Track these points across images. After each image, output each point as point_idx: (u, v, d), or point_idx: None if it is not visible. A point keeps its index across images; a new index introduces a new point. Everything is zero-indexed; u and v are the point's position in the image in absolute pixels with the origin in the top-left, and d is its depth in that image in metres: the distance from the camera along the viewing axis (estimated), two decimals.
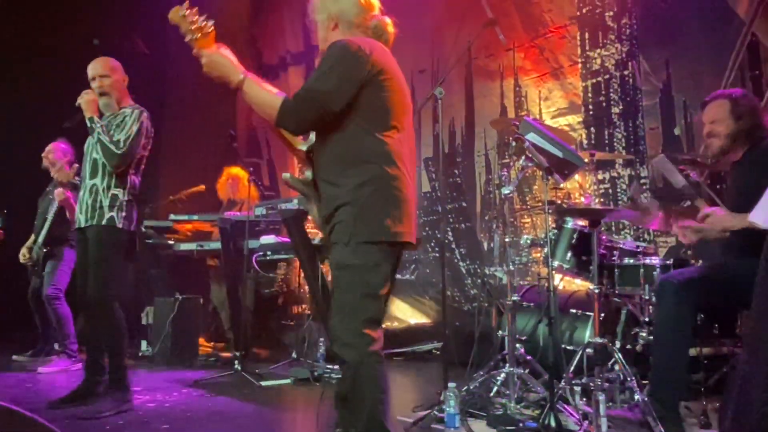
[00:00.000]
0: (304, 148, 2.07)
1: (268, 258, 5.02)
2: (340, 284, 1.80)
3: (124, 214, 3.04)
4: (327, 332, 4.14)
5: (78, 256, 3.18)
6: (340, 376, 1.80)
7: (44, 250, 4.41)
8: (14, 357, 4.60)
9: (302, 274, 4.91)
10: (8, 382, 3.76)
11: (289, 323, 5.76)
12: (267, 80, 1.95)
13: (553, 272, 3.14)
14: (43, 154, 4.57)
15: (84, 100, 3.08)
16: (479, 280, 4.91)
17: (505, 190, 2.93)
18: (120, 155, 2.99)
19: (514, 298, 3.05)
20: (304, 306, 5.98)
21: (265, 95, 1.88)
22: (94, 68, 3.14)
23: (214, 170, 5.80)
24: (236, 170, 5.53)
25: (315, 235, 6.38)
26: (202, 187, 5.63)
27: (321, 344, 4.37)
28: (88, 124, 3.07)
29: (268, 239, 4.73)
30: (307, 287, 4.70)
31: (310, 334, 4.59)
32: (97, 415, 2.79)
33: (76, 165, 4.37)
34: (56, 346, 4.45)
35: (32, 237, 4.57)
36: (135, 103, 3.22)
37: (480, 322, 3.55)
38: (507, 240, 3.20)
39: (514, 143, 2.81)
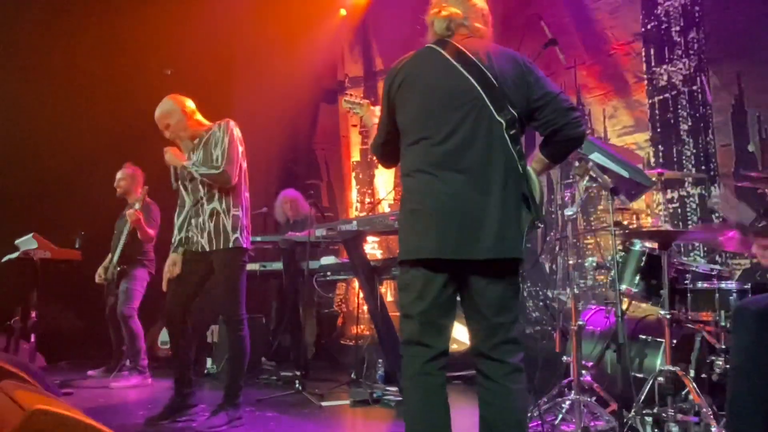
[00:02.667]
0: None
1: (327, 278, 5.09)
2: None
3: (245, 233, 3.17)
4: (385, 353, 4.15)
5: (182, 272, 3.22)
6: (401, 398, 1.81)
7: (118, 269, 4.63)
8: (89, 372, 4.82)
9: (361, 295, 4.95)
10: (83, 396, 3.94)
11: (348, 343, 5.79)
12: (325, 104, 2.28)
13: (621, 296, 3.03)
14: (115, 184, 4.83)
15: (168, 157, 3.22)
16: (541, 303, 4.79)
17: (569, 212, 2.86)
18: (223, 171, 3.09)
19: (580, 322, 2.96)
20: (362, 326, 6.00)
21: (372, 138, 2.16)
22: (157, 121, 3.28)
23: (275, 193, 5.95)
24: (292, 192, 5.65)
25: (374, 256, 6.43)
26: (264, 209, 5.78)
27: (380, 365, 4.37)
28: (185, 171, 3.19)
29: (328, 260, 4.79)
30: (366, 308, 4.73)
31: (369, 354, 4.59)
32: (212, 429, 2.94)
33: (147, 187, 4.59)
34: (128, 362, 4.64)
35: (108, 257, 4.81)
36: (213, 122, 3.31)
37: (543, 346, 3.46)
38: (571, 262, 3.11)
39: (577, 163, 2.75)
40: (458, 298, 1.87)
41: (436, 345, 1.79)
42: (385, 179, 7.03)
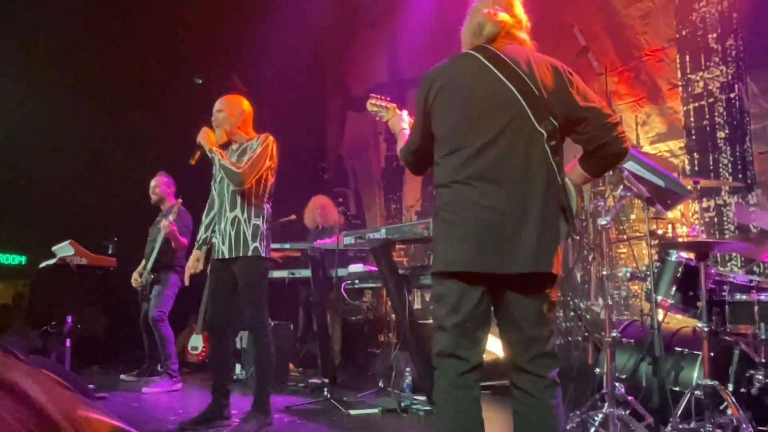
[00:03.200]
0: None
1: (355, 286, 5.09)
2: None
3: (265, 243, 3.21)
4: (414, 362, 4.13)
5: (211, 283, 3.32)
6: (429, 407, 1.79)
7: (152, 276, 4.71)
8: (122, 376, 4.91)
9: (389, 303, 4.94)
10: (117, 401, 4.01)
11: (376, 351, 5.78)
12: (353, 112, 2.28)
13: (657, 307, 2.97)
14: (150, 191, 4.93)
15: (201, 134, 3.31)
16: (572, 313, 4.72)
17: (602, 221, 2.81)
18: (240, 173, 3.14)
19: (614, 333, 2.90)
20: (390, 334, 5.99)
21: (401, 144, 2.16)
22: (216, 105, 3.39)
23: (305, 200, 6.00)
24: (324, 198, 5.69)
25: (402, 264, 6.41)
26: (293, 216, 5.82)
27: (408, 374, 4.34)
28: (209, 156, 3.27)
29: (356, 268, 4.80)
30: (394, 315, 4.71)
31: (397, 363, 4.57)
32: None
33: (181, 199, 4.67)
34: (159, 366, 4.70)
35: (143, 262, 4.90)
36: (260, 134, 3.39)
37: (575, 357, 3.40)
38: (604, 272, 3.06)
39: (611, 172, 2.71)
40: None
41: (471, 358, 1.76)
42: (412, 187, 7.02)
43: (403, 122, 2.37)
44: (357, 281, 4.97)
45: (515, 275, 1.71)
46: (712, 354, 2.84)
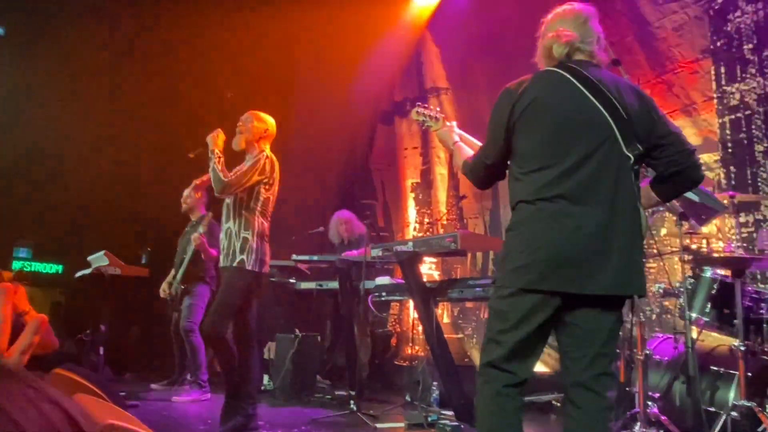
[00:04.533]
0: None
1: (382, 298, 5.09)
2: None
3: (253, 256, 3.26)
4: (441, 376, 4.10)
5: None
6: (456, 423, 1.77)
7: (182, 287, 4.78)
8: (152, 386, 4.99)
9: (415, 315, 4.92)
10: (148, 409, 4.07)
11: (403, 364, 5.76)
12: (381, 125, 2.26)
13: (691, 325, 2.89)
14: (182, 200, 5.03)
15: (210, 136, 3.44)
16: None
17: None
18: (224, 182, 3.24)
19: (646, 351, 2.84)
20: (417, 347, 5.96)
21: (459, 159, 2.16)
22: (246, 114, 3.53)
23: (332, 212, 6.04)
24: (346, 213, 5.72)
25: (431, 277, 6.39)
26: (322, 228, 5.87)
27: (435, 388, 4.31)
28: (209, 156, 3.39)
29: (383, 280, 4.80)
30: (420, 328, 4.70)
31: (424, 377, 4.54)
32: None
33: (211, 213, 4.76)
34: (188, 376, 4.77)
35: (172, 272, 4.98)
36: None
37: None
38: None
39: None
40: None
41: (520, 373, 1.77)
42: (439, 200, 7.01)
43: (454, 134, 2.34)
44: (384, 293, 4.96)
45: (596, 295, 1.71)
46: (749, 374, 2.75)
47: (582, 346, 1.77)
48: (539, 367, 5.22)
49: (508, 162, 1.92)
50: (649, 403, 2.83)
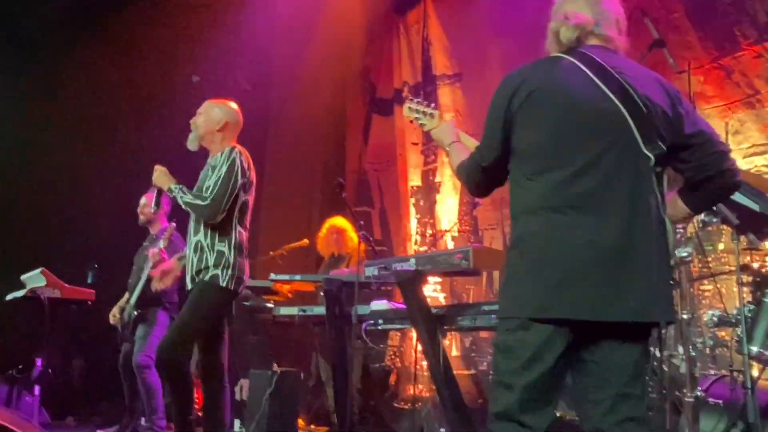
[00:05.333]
0: None
1: (379, 327, 5.09)
2: None
3: (230, 272, 3.28)
4: (448, 420, 4.09)
5: None
6: None
7: (136, 312, 4.78)
8: None
9: (419, 348, 4.92)
10: None
11: (403, 406, 5.76)
12: (379, 117, 2.30)
13: (751, 360, 2.91)
14: (138, 209, 5.03)
15: (156, 176, 3.50)
16: (647, 366, 4.65)
17: (682, 252, 2.80)
18: (207, 205, 3.27)
19: (697, 392, 2.85)
20: (421, 386, 5.96)
21: (457, 159, 2.16)
22: (201, 107, 3.58)
23: (318, 221, 6.06)
24: (340, 221, 5.73)
25: (436, 300, 6.40)
26: (306, 241, 5.88)
27: None
28: (170, 196, 3.44)
29: (379, 305, 4.80)
30: (425, 364, 4.70)
31: (428, 421, 4.55)
32: None
33: (174, 224, 4.77)
34: (143, 421, 4.76)
35: (125, 296, 4.98)
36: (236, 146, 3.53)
37: (650, 420, 3.34)
38: (685, 316, 3.02)
39: None
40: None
41: (537, 425, 1.74)
42: (448, 207, 7.02)
43: (451, 133, 2.37)
44: (381, 321, 4.97)
45: (617, 323, 1.71)
46: None
47: (602, 386, 1.77)
48: (571, 411, 5.22)
49: (509, 165, 1.93)
50: None
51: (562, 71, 1.86)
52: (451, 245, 6.68)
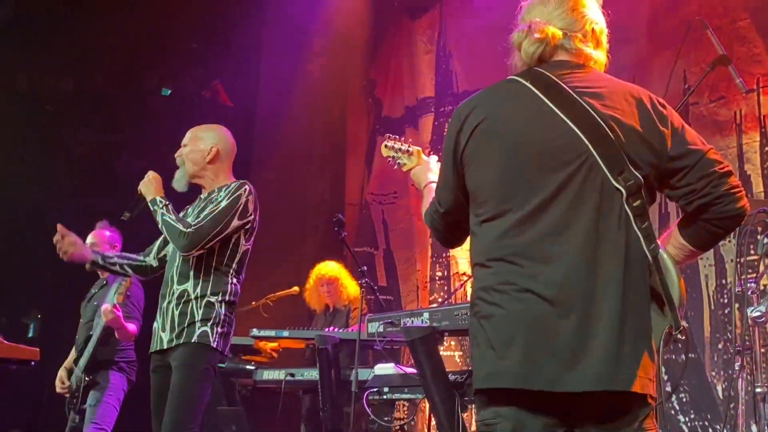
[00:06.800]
0: None
1: (384, 396, 5.06)
2: None
3: (219, 330, 3.30)
4: None
5: (153, 386, 3.41)
6: None
7: (86, 378, 4.74)
8: None
9: (433, 422, 4.88)
10: None
11: None
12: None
13: None
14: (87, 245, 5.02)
15: (144, 183, 3.50)
16: None
17: (755, 312, 2.80)
18: (188, 233, 3.27)
19: None
20: None
21: (423, 205, 2.26)
22: (187, 135, 3.62)
23: (312, 265, 6.06)
24: (330, 268, 5.74)
25: (454, 361, 6.36)
26: (296, 289, 5.89)
27: None
28: (151, 208, 3.44)
29: (385, 368, 4.79)
30: None
31: None
32: None
33: (130, 278, 4.79)
34: None
35: (72, 354, 4.96)
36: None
37: None
38: (759, 390, 3.01)
39: (766, 240, 2.71)
40: None
41: None
42: (467, 246, 7.00)
43: (431, 172, 2.47)
44: (386, 389, 4.94)
45: (587, 397, 1.70)
46: None
47: None
48: None
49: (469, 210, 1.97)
50: None
51: (512, 98, 1.90)
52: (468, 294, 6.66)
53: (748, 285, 2.90)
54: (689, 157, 1.81)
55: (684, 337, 1.83)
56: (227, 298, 3.37)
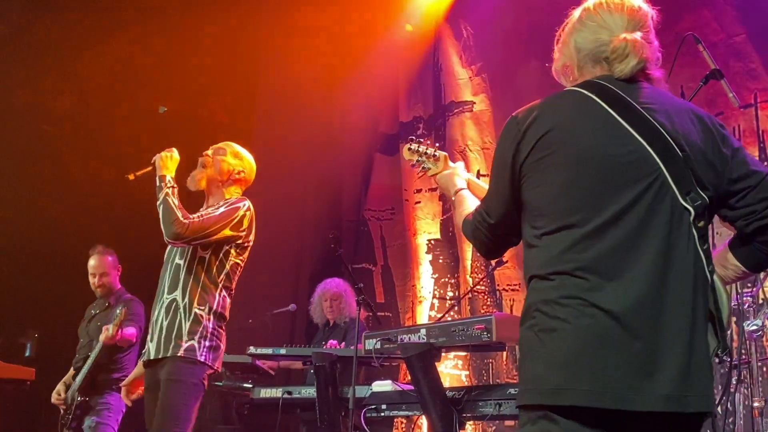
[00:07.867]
0: None
1: (382, 414, 5.06)
2: None
3: (207, 343, 3.32)
4: None
5: (147, 404, 3.43)
6: None
7: (79, 399, 4.72)
8: None
9: None
10: None
11: None
12: (382, 155, 2.38)
13: None
14: (91, 279, 5.02)
15: (161, 156, 3.54)
16: None
17: (751, 326, 2.81)
18: (182, 224, 3.29)
19: None
20: None
21: (463, 213, 2.20)
22: (217, 146, 3.72)
23: (308, 282, 6.08)
24: (337, 284, 5.75)
25: (453, 379, 6.35)
26: (293, 306, 5.89)
27: None
28: (157, 183, 3.47)
29: (382, 385, 4.78)
30: None
31: None
32: None
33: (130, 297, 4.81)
34: None
35: (70, 372, 4.95)
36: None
37: None
38: (757, 405, 3.02)
39: None
40: None
41: None
42: (466, 265, 7.01)
43: (459, 178, 2.40)
44: (384, 406, 4.94)
45: (649, 415, 1.68)
46: None
47: None
48: None
49: (522, 221, 1.93)
50: None
51: (579, 110, 1.88)
52: (468, 311, 6.67)
53: (745, 299, 2.91)
54: (750, 178, 1.82)
55: (729, 359, 1.84)
56: (216, 309, 3.39)
